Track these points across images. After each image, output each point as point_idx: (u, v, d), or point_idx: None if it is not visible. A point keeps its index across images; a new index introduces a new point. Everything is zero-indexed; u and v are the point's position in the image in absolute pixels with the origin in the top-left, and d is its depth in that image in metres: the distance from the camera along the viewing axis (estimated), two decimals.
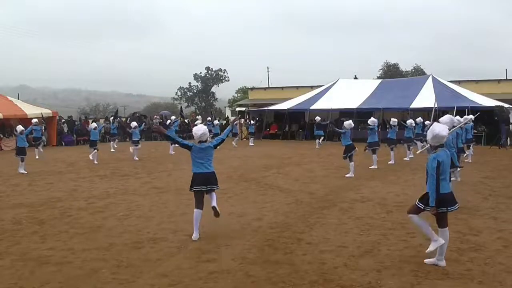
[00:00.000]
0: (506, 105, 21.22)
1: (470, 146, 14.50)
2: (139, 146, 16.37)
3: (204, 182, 6.03)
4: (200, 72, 59.27)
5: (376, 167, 12.91)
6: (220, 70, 59.53)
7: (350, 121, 11.93)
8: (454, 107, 11.53)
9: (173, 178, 11.44)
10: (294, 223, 6.76)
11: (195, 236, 5.92)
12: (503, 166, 13.64)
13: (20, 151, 12.95)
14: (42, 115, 20.75)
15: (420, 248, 5.44)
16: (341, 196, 8.82)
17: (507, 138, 20.41)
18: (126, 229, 6.51)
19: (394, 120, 15.51)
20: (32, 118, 22.93)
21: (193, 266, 4.92)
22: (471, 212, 7.38)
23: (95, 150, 15.04)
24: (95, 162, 14.71)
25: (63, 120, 25.87)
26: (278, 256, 5.24)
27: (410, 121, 16.08)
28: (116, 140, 20.94)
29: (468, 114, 16.54)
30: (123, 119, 29.82)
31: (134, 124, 16.93)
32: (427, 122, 17.20)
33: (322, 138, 21.22)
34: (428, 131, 5.01)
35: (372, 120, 13.41)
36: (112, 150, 19.34)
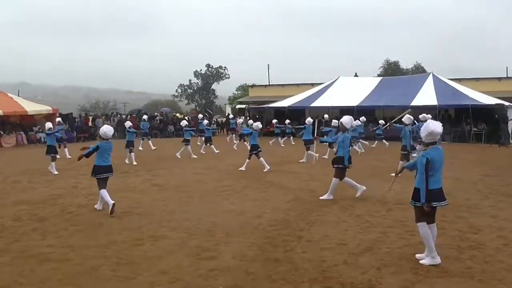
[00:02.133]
0: (506, 103, 21.21)
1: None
2: (189, 145, 15.76)
3: (107, 171, 7.62)
4: (201, 70, 59.17)
5: (305, 160, 14.04)
6: (220, 67, 59.39)
7: (258, 123, 12.93)
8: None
9: (173, 176, 11.44)
10: (294, 220, 6.76)
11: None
12: (503, 164, 13.64)
13: (50, 150, 12.26)
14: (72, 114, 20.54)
15: (420, 246, 5.43)
16: (341, 194, 8.81)
17: (505, 136, 20.41)
18: (126, 226, 6.51)
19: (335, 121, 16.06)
20: (33, 115, 23.10)
21: (193, 264, 4.92)
22: (471, 210, 7.38)
23: (132, 152, 14.13)
24: (134, 163, 13.74)
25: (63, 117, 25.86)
26: (278, 253, 5.24)
27: (356, 122, 16.51)
28: (149, 138, 19.95)
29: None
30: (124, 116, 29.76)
31: (184, 123, 16.15)
32: (381, 122, 17.90)
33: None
34: (422, 129, 4.99)
35: (308, 120, 14.92)
36: (153, 147, 18.84)
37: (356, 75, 40.08)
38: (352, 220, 6.76)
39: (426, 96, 23.46)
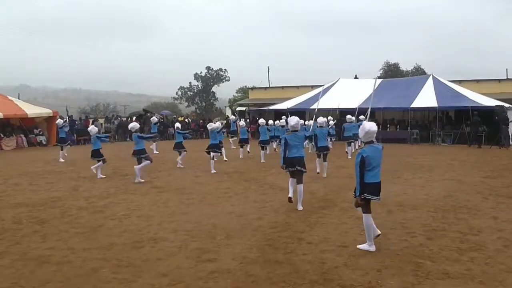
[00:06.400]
0: (506, 105, 21.20)
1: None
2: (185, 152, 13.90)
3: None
4: (201, 72, 59.22)
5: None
6: (220, 69, 59.45)
7: (215, 124, 13.53)
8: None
9: (173, 178, 11.44)
10: (295, 222, 6.76)
11: None
12: (503, 166, 13.63)
13: (97, 154, 11.82)
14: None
15: (420, 248, 5.45)
16: (342, 196, 8.81)
17: (505, 138, 20.39)
18: (126, 228, 6.51)
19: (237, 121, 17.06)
20: (33, 118, 23.07)
21: (193, 266, 4.92)
22: (471, 211, 7.38)
23: (184, 153, 13.70)
24: (180, 165, 13.47)
25: (64, 119, 25.82)
26: (279, 255, 5.24)
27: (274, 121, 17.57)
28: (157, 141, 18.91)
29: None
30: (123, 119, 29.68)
31: (178, 125, 14.61)
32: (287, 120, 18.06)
33: (334, 138, 20.71)
34: (360, 129, 5.51)
35: (261, 121, 16.59)
36: (156, 152, 18.19)
37: (356, 77, 40.14)
38: (353, 222, 6.76)
39: (426, 98, 23.46)
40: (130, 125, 11.59)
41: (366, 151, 5.28)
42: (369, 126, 5.38)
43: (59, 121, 17.08)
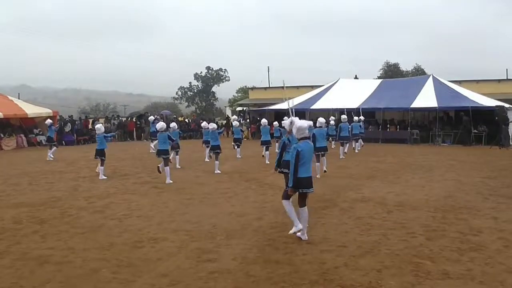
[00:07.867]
0: (506, 105, 21.19)
1: (358, 139, 18.86)
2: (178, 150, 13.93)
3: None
4: (201, 72, 59.22)
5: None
6: (220, 69, 59.46)
7: (213, 124, 13.35)
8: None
9: (174, 178, 11.43)
10: None
11: None
12: (503, 166, 13.62)
13: (101, 153, 11.74)
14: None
15: (420, 248, 5.45)
16: (342, 196, 8.81)
17: (505, 138, 20.38)
18: (126, 228, 6.51)
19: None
20: (33, 118, 23.07)
21: (194, 266, 4.92)
22: (471, 212, 7.38)
23: (178, 151, 13.70)
24: (178, 166, 13.43)
25: (67, 119, 25.84)
26: (279, 256, 5.24)
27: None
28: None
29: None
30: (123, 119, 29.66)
31: (173, 124, 14.24)
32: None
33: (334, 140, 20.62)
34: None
35: (263, 121, 16.12)
36: (152, 151, 17.76)
37: (356, 77, 40.12)
38: (353, 222, 6.76)
39: (426, 98, 23.44)
40: (159, 125, 11.41)
41: (301, 146, 5.63)
42: (300, 123, 5.78)
43: (48, 120, 17.47)
